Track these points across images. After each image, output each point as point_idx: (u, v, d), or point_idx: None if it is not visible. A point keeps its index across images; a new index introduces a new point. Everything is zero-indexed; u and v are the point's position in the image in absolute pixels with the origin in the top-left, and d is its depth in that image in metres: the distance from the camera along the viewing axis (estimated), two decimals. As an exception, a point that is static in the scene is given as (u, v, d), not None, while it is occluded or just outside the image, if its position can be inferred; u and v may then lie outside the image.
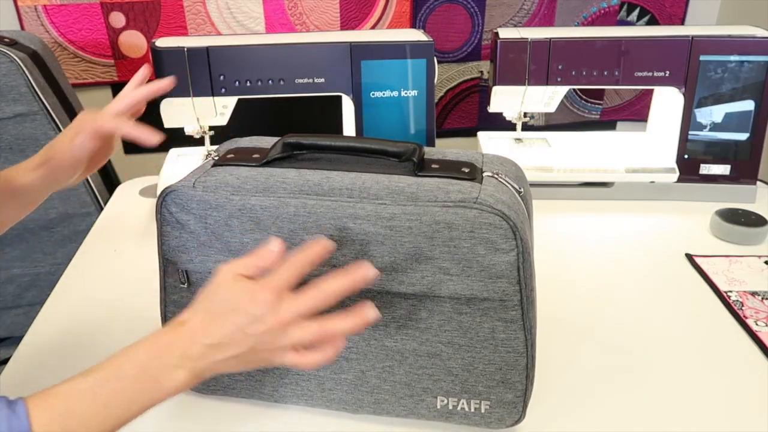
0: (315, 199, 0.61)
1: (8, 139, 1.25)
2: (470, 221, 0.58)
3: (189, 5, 1.54)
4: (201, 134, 1.15)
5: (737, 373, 0.76)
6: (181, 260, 0.66)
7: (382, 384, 0.66)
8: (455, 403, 0.66)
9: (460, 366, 0.64)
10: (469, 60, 1.72)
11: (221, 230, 0.63)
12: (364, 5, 1.60)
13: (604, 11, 1.70)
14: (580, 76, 1.15)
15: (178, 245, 0.65)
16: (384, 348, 0.65)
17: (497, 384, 0.64)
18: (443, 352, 0.64)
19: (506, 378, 0.63)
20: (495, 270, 0.59)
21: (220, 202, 0.62)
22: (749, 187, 1.17)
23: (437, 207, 0.58)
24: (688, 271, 0.97)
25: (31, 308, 1.37)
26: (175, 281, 0.68)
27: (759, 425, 0.69)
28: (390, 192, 0.60)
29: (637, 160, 1.20)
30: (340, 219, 0.60)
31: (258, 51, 1.08)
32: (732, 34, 1.11)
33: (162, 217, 0.65)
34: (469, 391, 0.65)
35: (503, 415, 0.66)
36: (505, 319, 0.61)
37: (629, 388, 0.74)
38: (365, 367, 0.66)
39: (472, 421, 0.67)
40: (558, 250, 1.03)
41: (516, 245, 0.58)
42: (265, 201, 0.62)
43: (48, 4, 1.47)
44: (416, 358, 0.64)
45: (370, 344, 0.65)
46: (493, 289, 0.60)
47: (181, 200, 0.64)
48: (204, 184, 0.64)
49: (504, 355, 0.63)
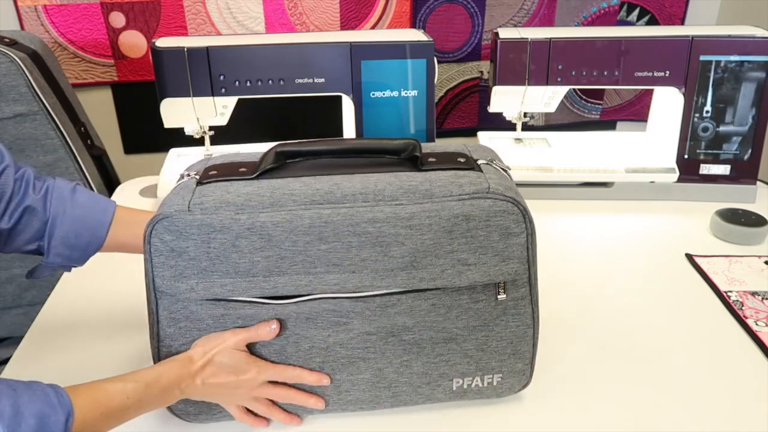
0: (329, 208, 0.59)
1: (8, 139, 1.25)
2: (486, 211, 0.60)
3: (189, 5, 1.54)
4: (201, 134, 1.15)
5: (737, 373, 0.76)
6: (179, 290, 0.62)
7: (399, 378, 0.66)
8: (470, 382, 0.67)
9: (475, 347, 0.66)
10: (469, 60, 1.72)
11: (227, 252, 0.60)
12: (364, 5, 1.60)
13: (604, 11, 1.70)
14: (580, 76, 1.15)
15: (175, 275, 0.61)
16: (402, 343, 0.65)
17: (509, 357, 0.67)
18: (459, 336, 0.65)
19: (517, 350, 0.67)
20: (507, 253, 0.62)
21: (225, 223, 0.59)
22: (749, 187, 1.17)
23: (454, 201, 0.60)
24: (688, 271, 0.97)
25: (31, 308, 1.37)
26: (172, 314, 0.64)
27: (759, 425, 0.69)
28: (405, 192, 0.60)
29: (637, 160, 1.20)
30: (359, 225, 0.59)
31: (258, 51, 1.08)
32: (732, 34, 1.11)
33: (152, 248, 0.61)
34: (483, 368, 0.67)
35: (513, 383, 0.69)
36: (516, 297, 0.65)
37: (629, 388, 0.74)
38: (382, 365, 0.66)
39: (484, 394, 0.69)
40: (558, 250, 1.03)
41: (526, 227, 0.61)
42: (276, 216, 0.59)
43: (48, 4, 1.47)
44: (433, 347, 0.65)
45: (387, 342, 0.65)
46: (506, 272, 0.62)
47: (178, 227, 0.59)
48: (201, 206, 0.60)
49: (514, 330, 0.66)
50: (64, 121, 1.31)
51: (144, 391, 0.60)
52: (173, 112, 1.10)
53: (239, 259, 0.60)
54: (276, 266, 0.61)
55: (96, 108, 1.57)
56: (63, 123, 1.30)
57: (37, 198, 0.71)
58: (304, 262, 0.60)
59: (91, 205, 0.73)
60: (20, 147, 1.26)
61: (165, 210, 0.60)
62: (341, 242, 0.60)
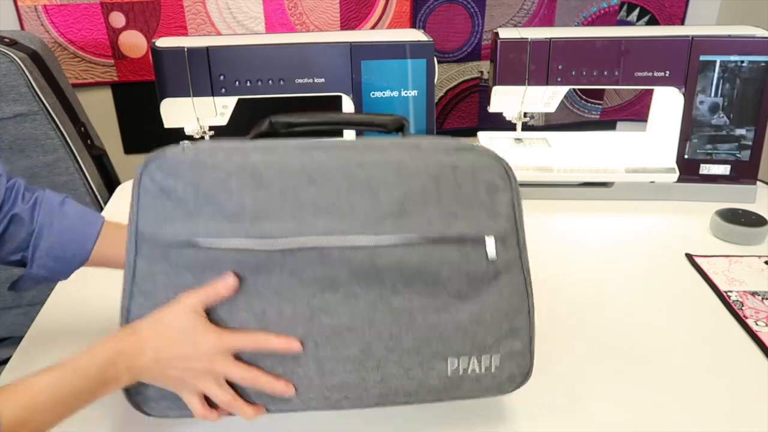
0: (320, 152, 0.62)
1: (8, 139, 1.25)
2: (471, 163, 0.63)
3: (189, 5, 1.54)
4: (201, 134, 1.15)
5: (737, 373, 0.76)
6: (161, 233, 0.60)
7: (389, 355, 0.63)
8: (466, 365, 0.64)
9: (469, 318, 0.63)
10: (469, 60, 1.72)
11: (216, 193, 0.59)
12: (364, 5, 1.60)
13: (604, 11, 1.70)
14: (580, 76, 1.15)
15: (159, 217, 0.60)
16: (391, 310, 0.62)
17: (505, 334, 0.65)
18: (451, 306, 0.63)
19: (513, 326, 0.65)
20: (495, 209, 0.64)
21: (218, 161, 0.60)
22: (749, 187, 1.17)
23: (440, 153, 0.63)
24: (688, 271, 0.97)
25: (31, 308, 1.37)
26: (151, 266, 0.61)
27: (759, 425, 0.69)
28: (393, 144, 0.64)
29: (637, 160, 1.20)
30: (349, 167, 0.61)
31: (258, 51, 1.08)
32: (732, 34, 1.11)
33: (142, 188, 0.60)
34: (479, 346, 0.64)
35: (513, 370, 0.65)
36: (507, 260, 0.65)
37: (629, 388, 0.74)
38: (371, 337, 0.62)
39: (483, 385, 0.65)
40: (558, 250, 1.03)
41: (511, 185, 0.64)
42: (268, 156, 0.60)
43: (48, 4, 1.47)
44: (425, 316, 0.62)
45: (376, 307, 0.62)
46: (495, 228, 0.64)
47: (169, 164, 0.59)
48: (196, 148, 0.60)
49: (509, 299, 0.65)
50: (64, 121, 1.31)
51: (73, 378, 0.55)
52: (173, 112, 1.10)
53: (227, 200, 0.60)
54: (263, 210, 0.60)
55: (96, 108, 1.57)
56: (63, 123, 1.30)
57: (26, 208, 0.70)
58: (293, 207, 0.61)
59: (79, 218, 0.73)
60: (20, 147, 1.26)
61: (161, 151, 0.61)
62: (331, 185, 0.61)
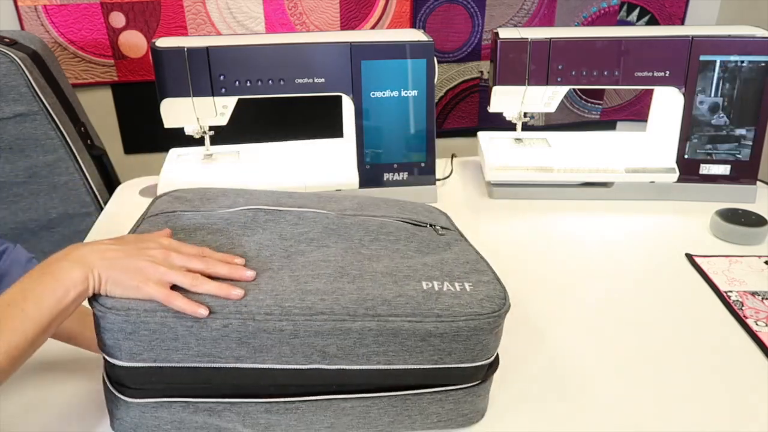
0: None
1: (8, 139, 1.25)
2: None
3: (189, 5, 1.54)
4: (201, 134, 1.15)
5: (737, 373, 0.76)
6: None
7: (363, 275, 0.65)
8: (440, 286, 0.65)
9: (432, 261, 0.70)
10: (469, 60, 1.72)
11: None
12: (364, 5, 1.60)
13: (604, 11, 1.70)
14: (580, 76, 1.15)
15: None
16: (361, 255, 0.69)
17: (471, 271, 0.69)
18: (415, 257, 0.70)
19: (476, 268, 0.70)
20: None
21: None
22: (749, 187, 1.17)
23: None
24: (688, 271, 0.97)
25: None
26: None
27: (759, 425, 0.69)
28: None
29: (637, 160, 1.20)
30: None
31: (258, 51, 1.08)
32: (732, 34, 1.11)
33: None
34: (448, 275, 0.68)
35: (490, 292, 0.65)
36: (453, 236, 0.76)
37: (629, 388, 0.74)
38: (345, 263, 0.67)
39: (462, 300, 0.64)
40: (558, 251, 1.03)
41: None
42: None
43: (48, 4, 1.47)
44: (392, 259, 0.69)
45: (347, 252, 0.69)
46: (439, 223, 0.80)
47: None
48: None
49: (466, 255, 0.72)
50: (64, 121, 1.31)
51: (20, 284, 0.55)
52: (173, 112, 1.10)
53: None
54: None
55: (96, 108, 1.57)
56: (63, 123, 1.30)
57: None
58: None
59: None
60: (20, 147, 1.26)
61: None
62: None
